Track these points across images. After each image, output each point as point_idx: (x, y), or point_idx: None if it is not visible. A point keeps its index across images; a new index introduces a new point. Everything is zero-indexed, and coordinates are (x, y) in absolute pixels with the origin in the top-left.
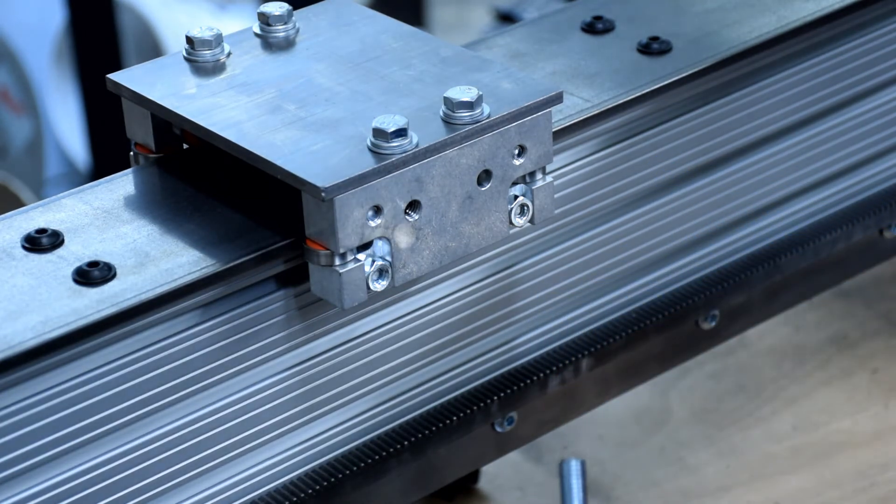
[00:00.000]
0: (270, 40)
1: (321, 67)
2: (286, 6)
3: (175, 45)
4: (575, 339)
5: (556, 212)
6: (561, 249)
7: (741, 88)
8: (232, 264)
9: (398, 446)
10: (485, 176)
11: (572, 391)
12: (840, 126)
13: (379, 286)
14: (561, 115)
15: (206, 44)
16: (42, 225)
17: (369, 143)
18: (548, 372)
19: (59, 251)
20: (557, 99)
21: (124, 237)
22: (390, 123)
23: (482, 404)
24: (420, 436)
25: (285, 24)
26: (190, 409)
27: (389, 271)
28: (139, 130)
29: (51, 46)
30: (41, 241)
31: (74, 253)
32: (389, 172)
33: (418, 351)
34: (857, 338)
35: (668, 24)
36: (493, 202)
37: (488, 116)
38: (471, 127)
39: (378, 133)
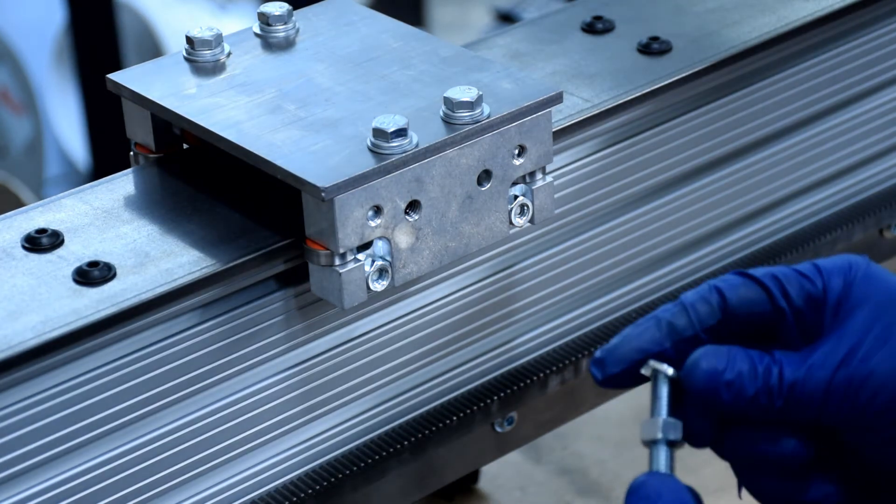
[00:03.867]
0: (270, 40)
1: (321, 67)
2: (286, 6)
3: (175, 45)
4: (575, 339)
5: (556, 212)
6: (561, 249)
7: (741, 88)
8: (232, 264)
9: (398, 446)
10: (485, 176)
11: (572, 391)
12: (840, 126)
13: (379, 286)
14: (561, 115)
15: (206, 44)
16: (42, 225)
17: (369, 143)
18: (548, 372)
19: (59, 251)
20: (557, 99)
21: (124, 237)
22: (390, 123)
23: (482, 404)
24: (420, 436)
25: (285, 24)
26: (190, 409)
27: (389, 271)
28: (139, 130)
29: (51, 46)
30: (41, 241)
31: (74, 253)
32: (389, 172)
33: (418, 351)
34: None
35: (668, 24)
36: (493, 202)
37: (488, 116)
38: (471, 127)
39: (378, 133)
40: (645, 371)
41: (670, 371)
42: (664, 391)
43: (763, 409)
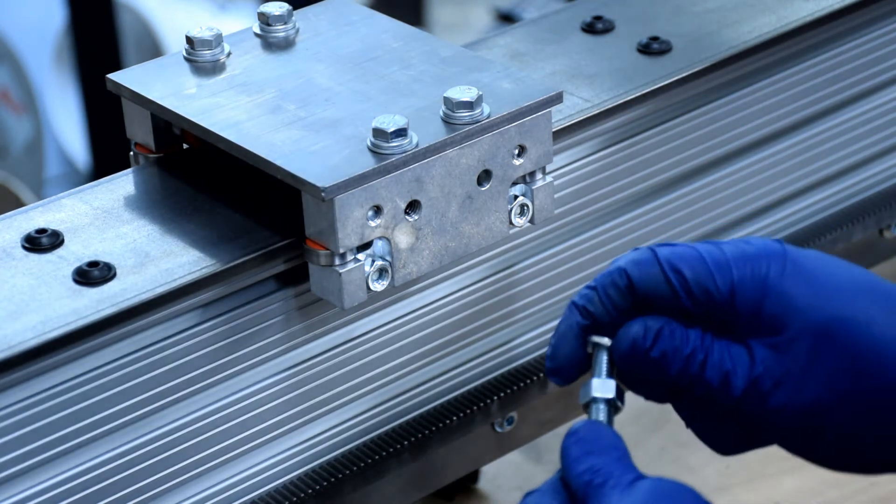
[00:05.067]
0: (270, 40)
1: (321, 67)
2: (286, 6)
3: (175, 45)
4: None
5: (556, 212)
6: (561, 249)
7: (741, 88)
8: (232, 264)
9: (398, 446)
10: (485, 176)
11: (572, 391)
12: (840, 126)
13: (379, 286)
14: (561, 115)
15: (206, 44)
16: (42, 225)
17: (369, 143)
18: None
19: (59, 251)
20: (557, 99)
21: (124, 237)
22: (390, 123)
23: (482, 404)
24: (420, 436)
25: (285, 24)
26: (190, 409)
27: (389, 271)
28: (139, 130)
29: (51, 46)
30: (41, 241)
31: (74, 253)
32: (389, 172)
33: (418, 351)
34: None
35: (668, 24)
36: (493, 202)
37: (488, 116)
38: (471, 127)
39: (378, 133)
40: (588, 348)
41: (608, 342)
42: (603, 358)
43: (685, 387)
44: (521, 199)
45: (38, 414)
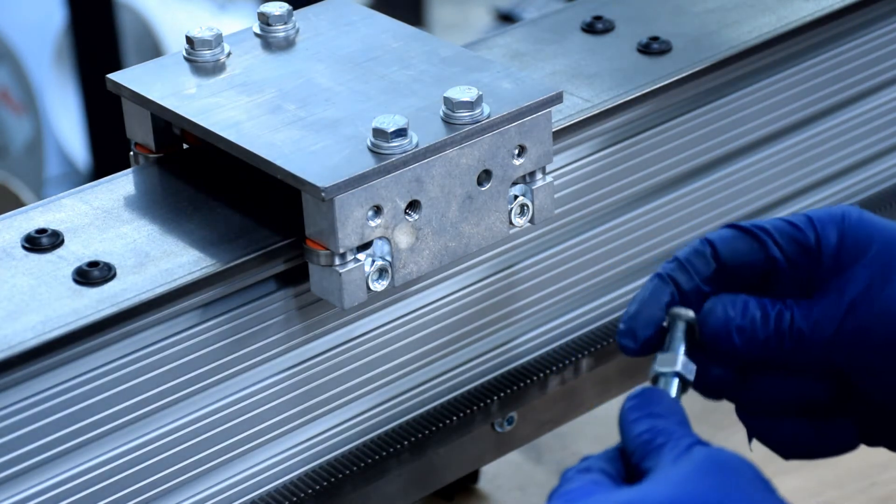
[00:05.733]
0: (270, 40)
1: (321, 67)
2: (286, 6)
3: (175, 45)
4: (575, 339)
5: (556, 212)
6: (561, 249)
7: (741, 88)
8: (232, 264)
9: (398, 446)
10: (485, 176)
11: (572, 391)
12: (840, 126)
13: (379, 286)
14: (561, 115)
15: (206, 44)
16: (42, 225)
17: (369, 143)
18: (548, 372)
19: (59, 251)
20: (557, 99)
21: (124, 237)
22: (390, 123)
23: (482, 404)
24: (420, 436)
25: (285, 24)
26: (190, 409)
27: (389, 271)
28: (139, 130)
29: (51, 46)
30: (41, 241)
31: (74, 253)
32: (389, 172)
33: (418, 351)
34: None
35: (668, 24)
36: (493, 202)
37: (488, 116)
38: (471, 127)
39: (378, 133)
40: (666, 321)
41: (691, 313)
42: (678, 332)
43: (773, 350)
44: (521, 199)
45: (38, 414)
